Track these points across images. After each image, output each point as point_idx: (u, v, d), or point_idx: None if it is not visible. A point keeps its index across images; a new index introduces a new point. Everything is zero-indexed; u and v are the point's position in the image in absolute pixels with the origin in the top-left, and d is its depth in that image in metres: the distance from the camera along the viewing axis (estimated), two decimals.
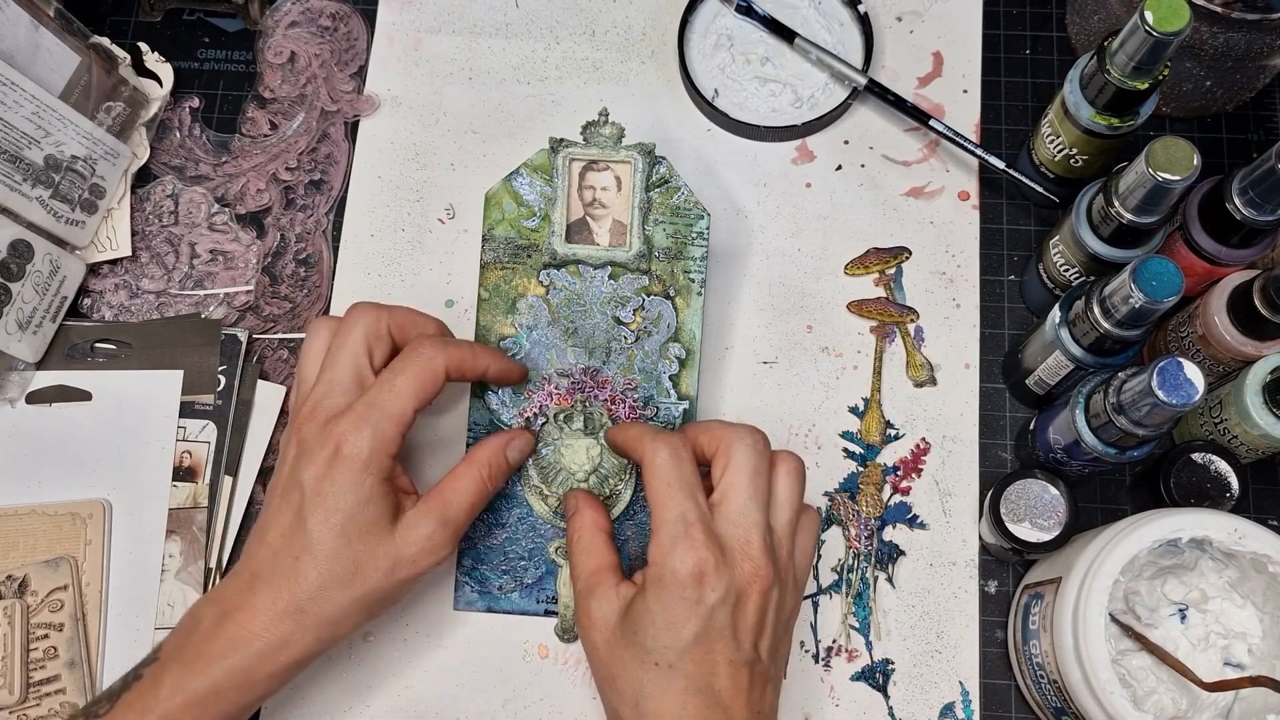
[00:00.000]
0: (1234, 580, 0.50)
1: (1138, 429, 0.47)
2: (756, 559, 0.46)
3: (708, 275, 0.59)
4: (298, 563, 0.47)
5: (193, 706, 0.45)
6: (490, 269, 0.57)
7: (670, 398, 0.57)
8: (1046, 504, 0.53)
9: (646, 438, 0.48)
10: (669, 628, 0.45)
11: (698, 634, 0.44)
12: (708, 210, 0.57)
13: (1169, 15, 0.47)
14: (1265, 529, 0.47)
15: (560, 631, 0.56)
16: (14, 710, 0.54)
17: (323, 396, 0.48)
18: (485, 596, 0.56)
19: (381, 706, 0.56)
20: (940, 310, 0.61)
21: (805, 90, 0.65)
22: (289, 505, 0.48)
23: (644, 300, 0.57)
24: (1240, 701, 0.49)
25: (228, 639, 0.46)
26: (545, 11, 0.68)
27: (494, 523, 0.56)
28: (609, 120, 0.57)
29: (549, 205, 0.57)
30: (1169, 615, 0.51)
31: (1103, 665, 0.45)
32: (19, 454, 0.59)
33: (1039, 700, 0.53)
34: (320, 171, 0.65)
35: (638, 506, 0.56)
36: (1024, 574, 0.56)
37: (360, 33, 0.67)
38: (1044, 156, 0.58)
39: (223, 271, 0.63)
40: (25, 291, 0.58)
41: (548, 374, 0.57)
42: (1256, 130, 0.64)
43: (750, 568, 0.45)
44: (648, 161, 0.56)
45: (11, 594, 0.55)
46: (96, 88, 0.61)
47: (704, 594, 0.44)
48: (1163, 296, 0.45)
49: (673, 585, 0.45)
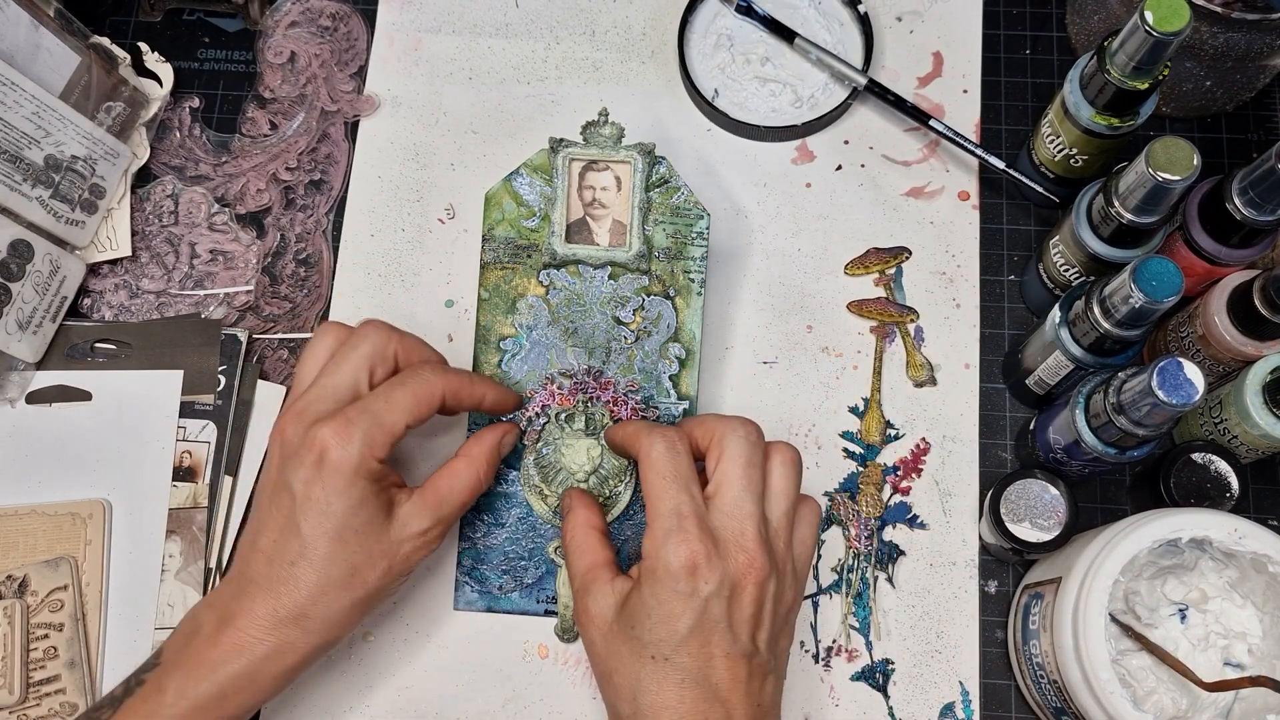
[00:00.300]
0: (1234, 580, 0.50)
1: (1138, 429, 0.47)
2: (751, 550, 0.45)
3: (707, 275, 0.59)
4: (294, 569, 0.46)
5: (197, 711, 0.45)
6: (490, 269, 0.57)
7: (670, 398, 0.57)
8: (1046, 504, 0.53)
9: (643, 432, 0.49)
10: (664, 621, 0.45)
11: (693, 626, 0.44)
12: (707, 210, 0.57)
13: (1169, 15, 0.47)
14: (1265, 529, 0.47)
15: (560, 631, 0.56)
16: (14, 710, 0.54)
17: (314, 400, 0.48)
18: (485, 596, 0.56)
19: (381, 707, 0.56)
20: (940, 310, 0.61)
21: (805, 90, 0.65)
22: (279, 509, 0.47)
23: (644, 300, 0.57)
24: (1240, 701, 0.49)
25: (230, 644, 0.46)
26: (545, 11, 0.68)
27: (494, 523, 0.56)
28: (609, 120, 0.57)
29: (549, 205, 0.57)
30: (1169, 615, 0.51)
31: (1103, 665, 0.45)
32: (19, 454, 0.59)
33: (1039, 700, 0.53)
34: (320, 171, 0.65)
35: (637, 507, 0.56)
36: (1024, 574, 0.56)
37: (360, 33, 0.67)
38: (1044, 156, 0.58)
39: (223, 271, 0.63)
40: (25, 291, 0.58)
41: (550, 374, 0.57)
42: (1256, 130, 0.64)
43: (744, 559, 0.45)
44: (647, 161, 0.56)
45: (11, 594, 0.55)
46: (96, 88, 0.61)
47: (698, 586, 0.44)
48: (1163, 296, 0.45)
49: (666, 578, 0.45)
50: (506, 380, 0.57)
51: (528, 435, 0.56)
